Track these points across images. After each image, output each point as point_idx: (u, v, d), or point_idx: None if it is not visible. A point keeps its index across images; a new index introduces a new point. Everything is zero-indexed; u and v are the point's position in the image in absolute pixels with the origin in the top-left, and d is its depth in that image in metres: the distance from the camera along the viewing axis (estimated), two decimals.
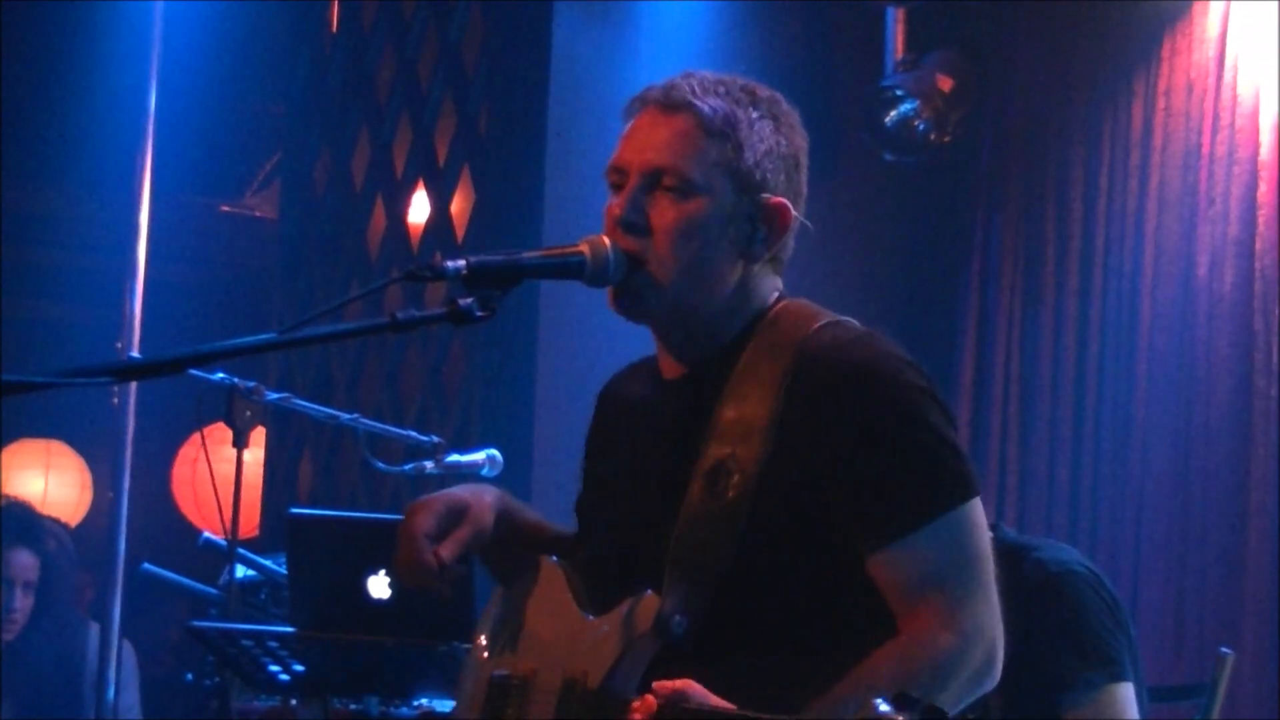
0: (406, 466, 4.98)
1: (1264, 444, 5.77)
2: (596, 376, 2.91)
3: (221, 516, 4.69)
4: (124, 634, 5.50)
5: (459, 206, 7.06)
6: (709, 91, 2.60)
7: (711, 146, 2.57)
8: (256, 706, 4.74)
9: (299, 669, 4.38)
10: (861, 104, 6.63)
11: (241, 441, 4.66)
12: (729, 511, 2.50)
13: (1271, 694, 5.58)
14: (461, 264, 2.45)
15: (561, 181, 6.48)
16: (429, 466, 4.91)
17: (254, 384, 4.64)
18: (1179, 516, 5.97)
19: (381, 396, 7.14)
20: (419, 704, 4.40)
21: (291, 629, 4.30)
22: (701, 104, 2.58)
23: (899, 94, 6.56)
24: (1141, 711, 3.73)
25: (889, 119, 6.58)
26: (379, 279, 7.06)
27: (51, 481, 9.20)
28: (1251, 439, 5.81)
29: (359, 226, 7.40)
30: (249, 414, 4.64)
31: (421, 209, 7.20)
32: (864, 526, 2.48)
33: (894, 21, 6.65)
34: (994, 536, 2.56)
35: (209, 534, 5.17)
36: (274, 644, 4.33)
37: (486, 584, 2.69)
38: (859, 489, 2.48)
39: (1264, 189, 5.86)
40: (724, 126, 2.57)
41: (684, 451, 2.57)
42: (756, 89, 2.64)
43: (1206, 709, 4.18)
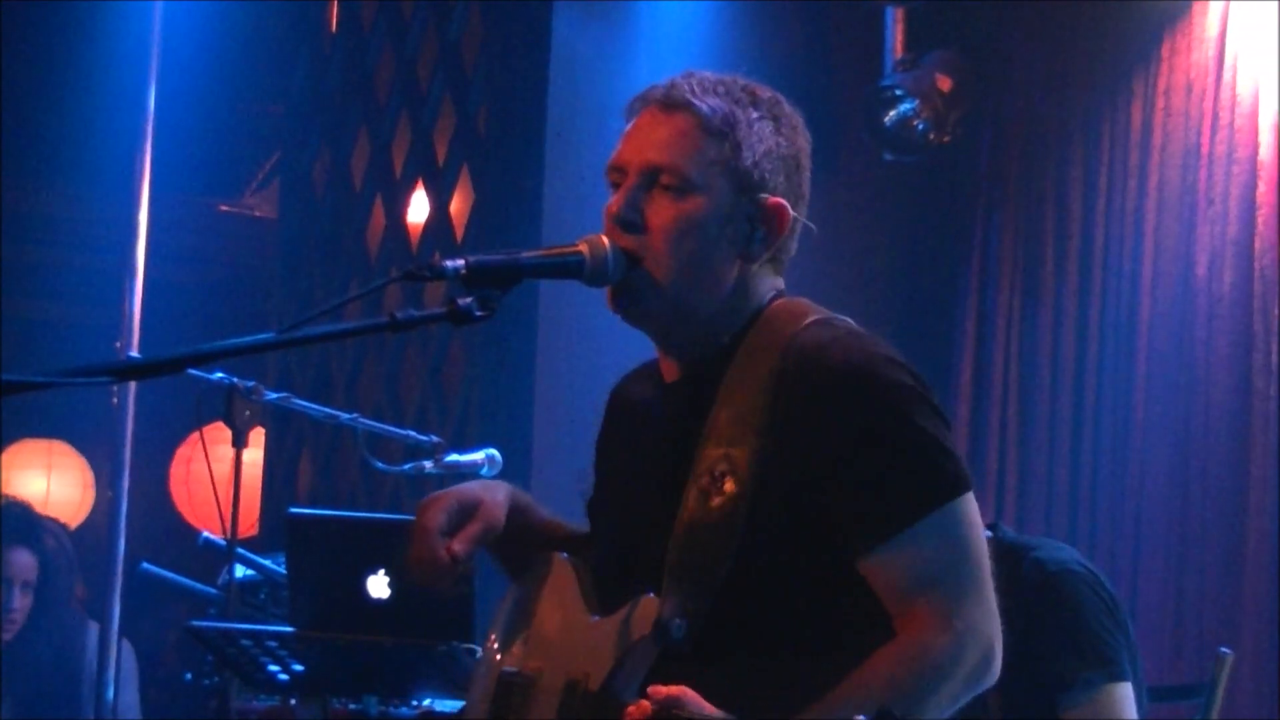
0: (406, 466, 4.98)
1: (1263, 444, 5.77)
2: (596, 376, 2.91)
3: (221, 516, 4.69)
4: (123, 634, 5.50)
5: (458, 206, 7.06)
6: (709, 91, 2.60)
7: (710, 146, 2.57)
8: (256, 706, 4.74)
9: (298, 669, 4.38)
10: (861, 104, 6.63)
11: (241, 441, 4.66)
12: (725, 514, 2.49)
13: (1271, 694, 5.58)
14: (461, 264, 2.44)
15: (561, 181, 6.47)
16: (428, 466, 4.91)
17: (253, 384, 4.63)
18: (1178, 516, 5.97)
19: (381, 396, 7.14)
20: (418, 704, 4.40)
21: (291, 629, 4.29)
22: (701, 103, 2.58)
23: (898, 94, 6.56)
24: (1140, 711, 3.72)
25: (888, 119, 6.58)
26: (378, 279, 7.06)
27: (54, 481, 9.20)
28: (1251, 439, 5.81)
29: (358, 226, 7.40)
30: (248, 414, 4.63)
31: (421, 209, 7.19)
32: (852, 528, 2.48)
33: (893, 21, 6.64)
34: (993, 536, 2.56)
35: (208, 534, 5.16)
36: (273, 644, 4.33)
37: (486, 584, 2.69)
38: (846, 490, 2.47)
39: (1263, 189, 5.86)
40: (723, 126, 2.57)
41: (682, 454, 2.57)
42: (758, 89, 2.64)
43: (1206, 709, 4.18)
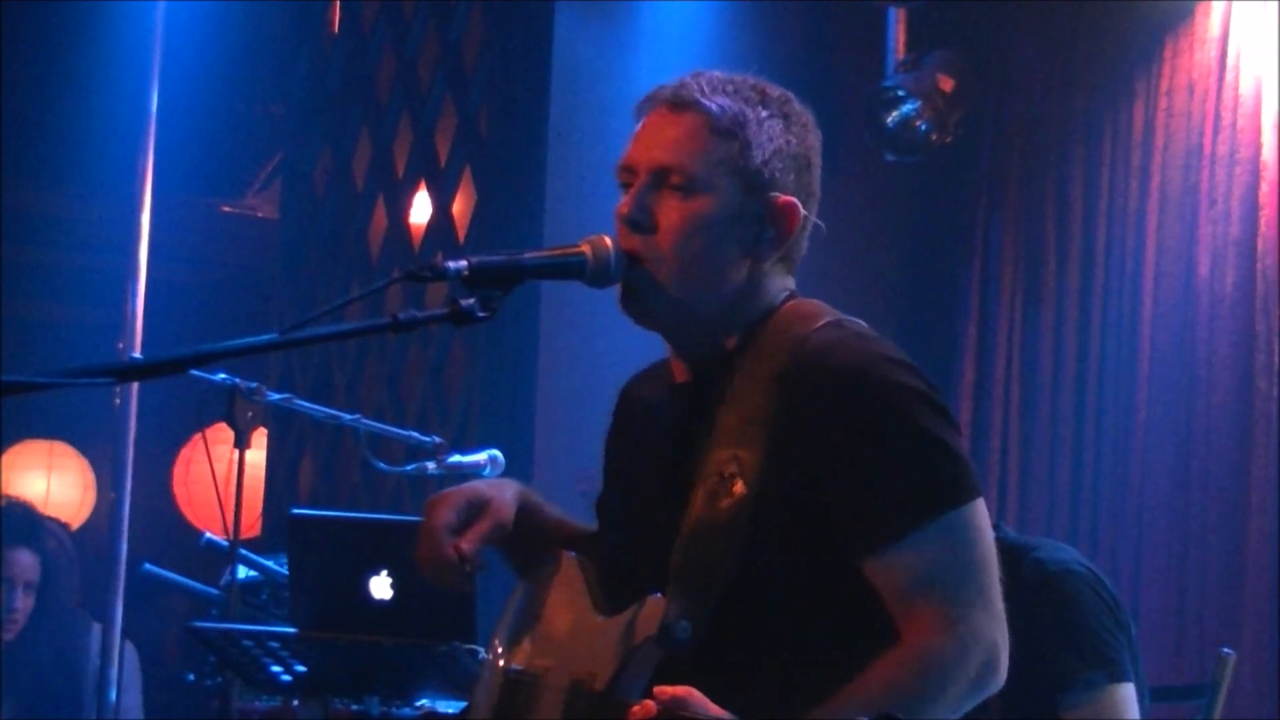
0: (408, 467, 4.98)
1: (1264, 444, 5.77)
2: (597, 376, 2.91)
3: (223, 517, 4.69)
4: (126, 635, 5.50)
5: (460, 207, 7.06)
6: (717, 90, 2.59)
7: (719, 145, 2.56)
8: (257, 707, 4.75)
9: (300, 669, 4.38)
10: (862, 104, 6.63)
11: (243, 442, 4.66)
12: (733, 516, 2.48)
13: (1272, 694, 5.58)
14: (462, 264, 2.44)
15: (562, 181, 6.48)
16: (430, 467, 4.91)
17: (255, 384, 4.63)
18: (1179, 516, 5.97)
19: (382, 397, 7.14)
20: (420, 704, 4.40)
21: (292, 629, 4.29)
22: (709, 103, 2.57)
23: (900, 94, 6.56)
24: (1142, 712, 3.72)
25: (890, 119, 6.58)
26: (380, 279, 7.06)
27: (54, 482, 9.20)
28: (1252, 439, 5.81)
29: (360, 227, 7.41)
30: (250, 414, 4.64)
31: (422, 209, 7.20)
32: (857, 531, 2.47)
33: (895, 22, 6.64)
34: (994, 536, 2.55)
35: (210, 534, 5.16)
36: (275, 644, 4.33)
37: (487, 584, 2.68)
38: (852, 493, 2.46)
39: (1265, 189, 5.86)
40: (731, 125, 2.56)
41: (690, 455, 2.56)
42: (767, 88, 2.63)
43: (1207, 709, 4.18)
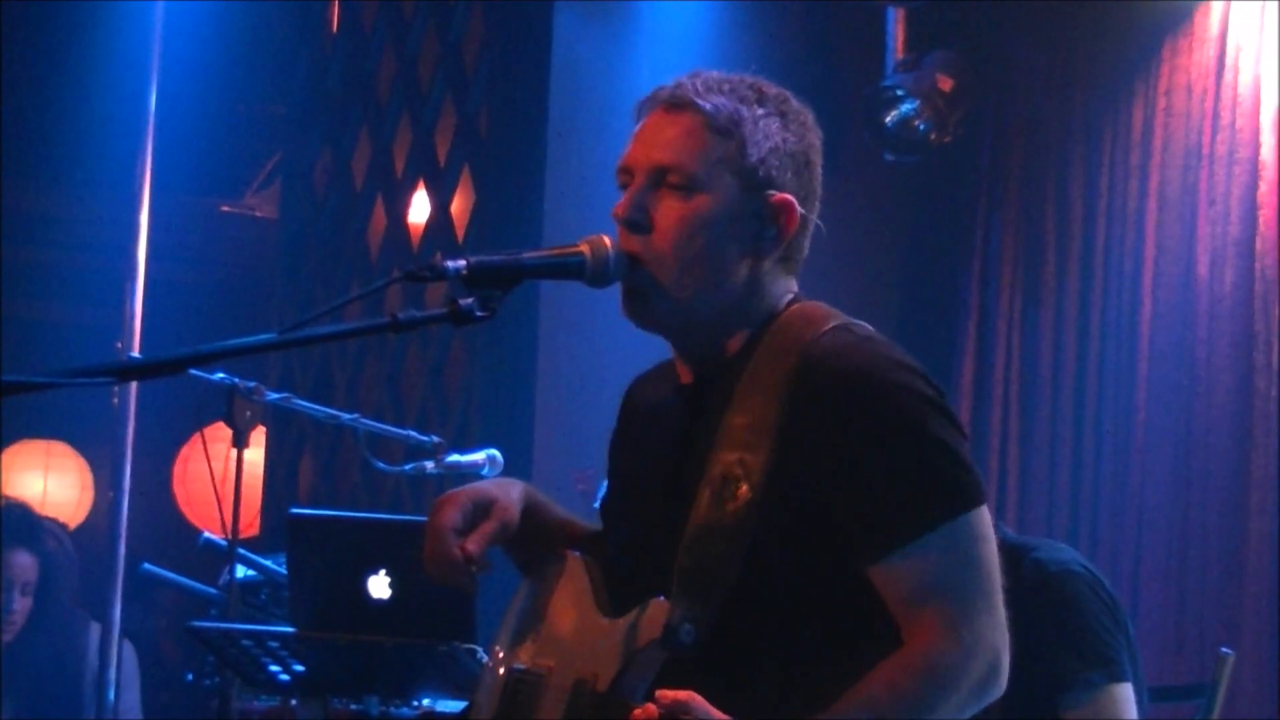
0: (407, 466, 4.98)
1: (1264, 444, 5.77)
2: (597, 376, 2.91)
3: (221, 517, 4.69)
4: (124, 634, 5.50)
5: (459, 206, 7.06)
6: (714, 90, 2.59)
7: (716, 143, 2.56)
8: (257, 706, 4.75)
9: (299, 669, 4.38)
10: (862, 104, 6.63)
11: (241, 441, 4.66)
12: (737, 520, 2.48)
13: (1272, 694, 5.58)
14: (462, 264, 2.44)
15: (562, 181, 6.48)
16: (429, 466, 4.92)
17: (254, 384, 4.63)
18: (1179, 516, 5.97)
19: (382, 396, 7.14)
20: (419, 704, 4.40)
21: (291, 629, 4.29)
22: (705, 102, 2.57)
23: (899, 94, 6.56)
24: (1141, 712, 3.72)
25: (889, 119, 6.58)
26: (379, 279, 7.05)
27: (51, 482, 9.19)
28: (1252, 439, 5.81)
29: (359, 226, 7.41)
30: (249, 414, 4.64)
31: (422, 209, 7.20)
32: (862, 536, 2.47)
33: (894, 21, 6.64)
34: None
35: (209, 534, 5.16)
36: (274, 644, 4.33)
37: (488, 584, 2.68)
38: (857, 497, 2.46)
39: (1264, 189, 5.86)
40: (728, 124, 2.56)
41: (695, 457, 2.56)
42: (764, 87, 2.63)
43: (1207, 709, 4.18)
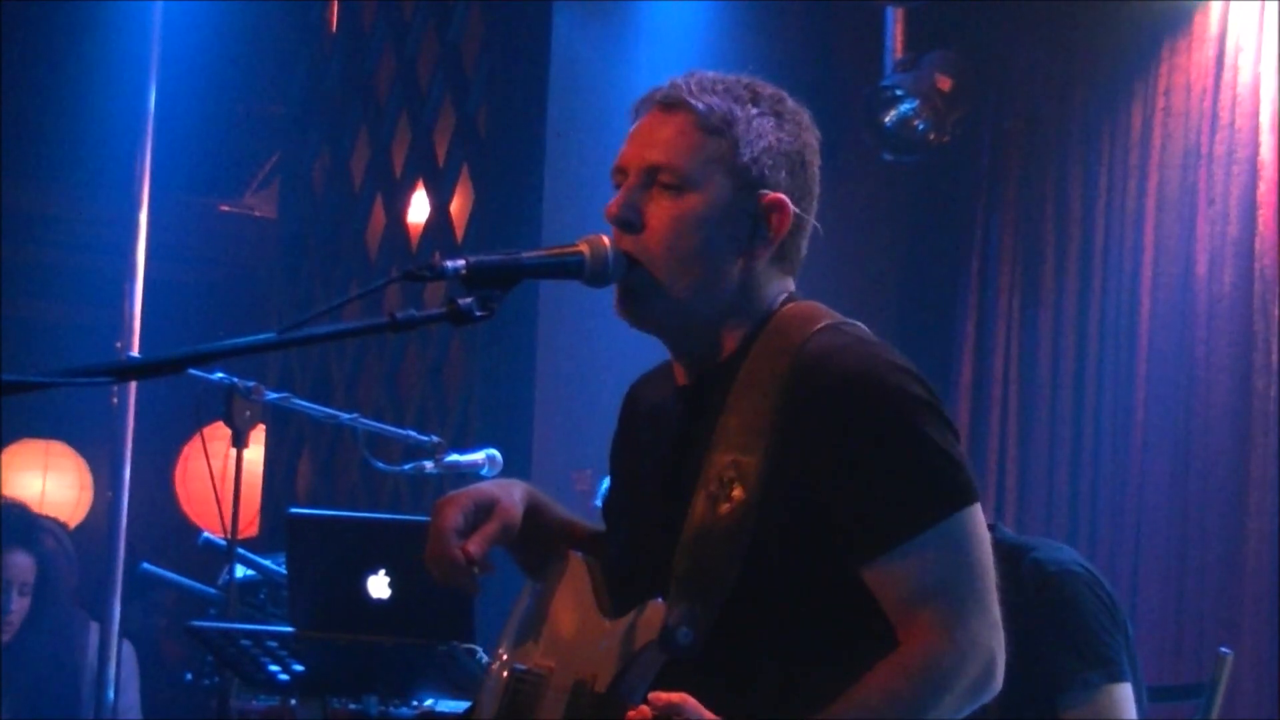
0: (406, 466, 4.98)
1: (1263, 444, 5.77)
2: (596, 376, 2.91)
3: (221, 516, 4.69)
4: (124, 634, 5.50)
5: (458, 206, 7.07)
6: (707, 90, 2.60)
7: (708, 142, 2.56)
8: (256, 706, 4.74)
9: (298, 669, 4.38)
10: (861, 104, 6.63)
11: (241, 441, 4.66)
12: (733, 521, 2.48)
13: (1271, 694, 5.58)
14: (461, 264, 2.44)
15: (561, 181, 6.48)
16: (428, 466, 4.92)
17: (253, 384, 4.64)
18: (1178, 516, 5.97)
19: (381, 396, 7.14)
20: (418, 704, 4.40)
21: (291, 629, 4.29)
22: (697, 101, 2.58)
23: (898, 94, 6.56)
24: (1140, 711, 3.72)
25: (888, 119, 6.58)
26: (378, 279, 7.06)
27: (49, 482, 9.19)
28: (1251, 439, 5.81)
29: (358, 226, 7.41)
30: (248, 414, 4.64)
31: (421, 209, 7.20)
32: (856, 537, 2.47)
33: (893, 21, 6.65)
34: (992, 537, 2.55)
35: (208, 534, 5.16)
36: (273, 644, 4.33)
37: (488, 584, 2.68)
38: (850, 498, 2.46)
39: (1263, 188, 5.86)
40: (720, 123, 2.57)
41: (691, 458, 2.56)
42: (759, 86, 2.63)
43: (1206, 709, 4.18)
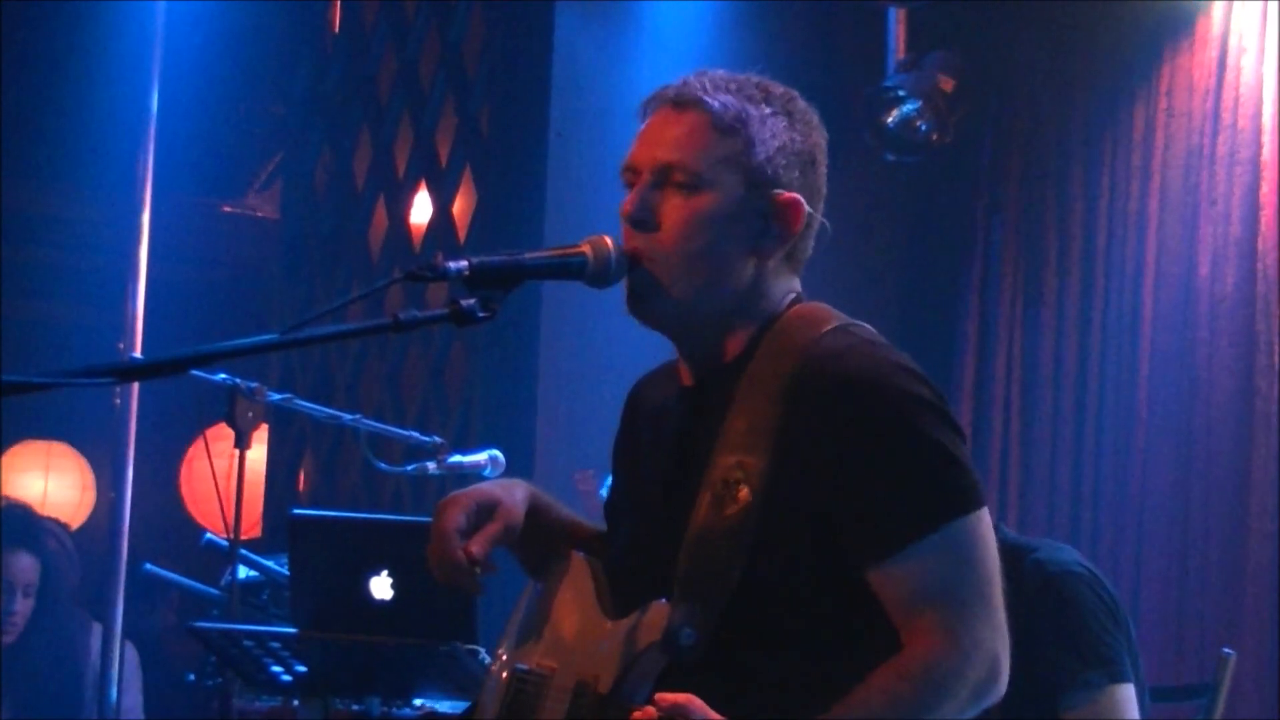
0: (408, 467, 4.98)
1: (1265, 444, 5.77)
2: (598, 377, 2.91)
3: (223, 517, 4.69)
4: (126, 634, 5.50)
5: (460, 207, 7.06)
6: (720, 88, 2.59)
7: (721, 142, 2.56)
8: (258, 707, 4.74)
9: (300, 669, 4.38)
10: (863, 104, 6.62)
11: (243, 442, 4.66)
12: (737, 523, 2.48)
13: (1272, 694, 5.58)
14: (463, 264, 2.44)
15: (563, 181, 6.48)
16: (430, 467, 4.92)
17: (256, 384, 4.64)
18: (1180, 516, 5.97)
19: (383, 397, 7.14)
20: (420, 704, 4.40)
21: (293, 629, 4.29)
22: (711, 100, 2.58)
23: (900, 94, 6.55)
24: (1142, 712, 3.72)
25: (890, 119, 6.58)
26: (380, 279, 7.05)
27: (51, 483, 9.19)
28: (1252, 439, 5.81)
29: (360, 227, 7.41)
30: (251, 414, 4.64)
31: (423, 209, 7.20)
32: (861, 540, 2.47)
33: (895, 22, 6.64)
34: (994, 538, 2.55)
35: (211, 534, 5.17)
36: (275, 644, 4.33)
37: (488, 584, 2.68)
38: (855, 501, 2.46)
39: (1266, 189, 5.86)
40: (734, 122, 2.57)
41: (696, 460, 2.56)
42: (770, 86, 2.64)
43: (1208, 709, 4.18)
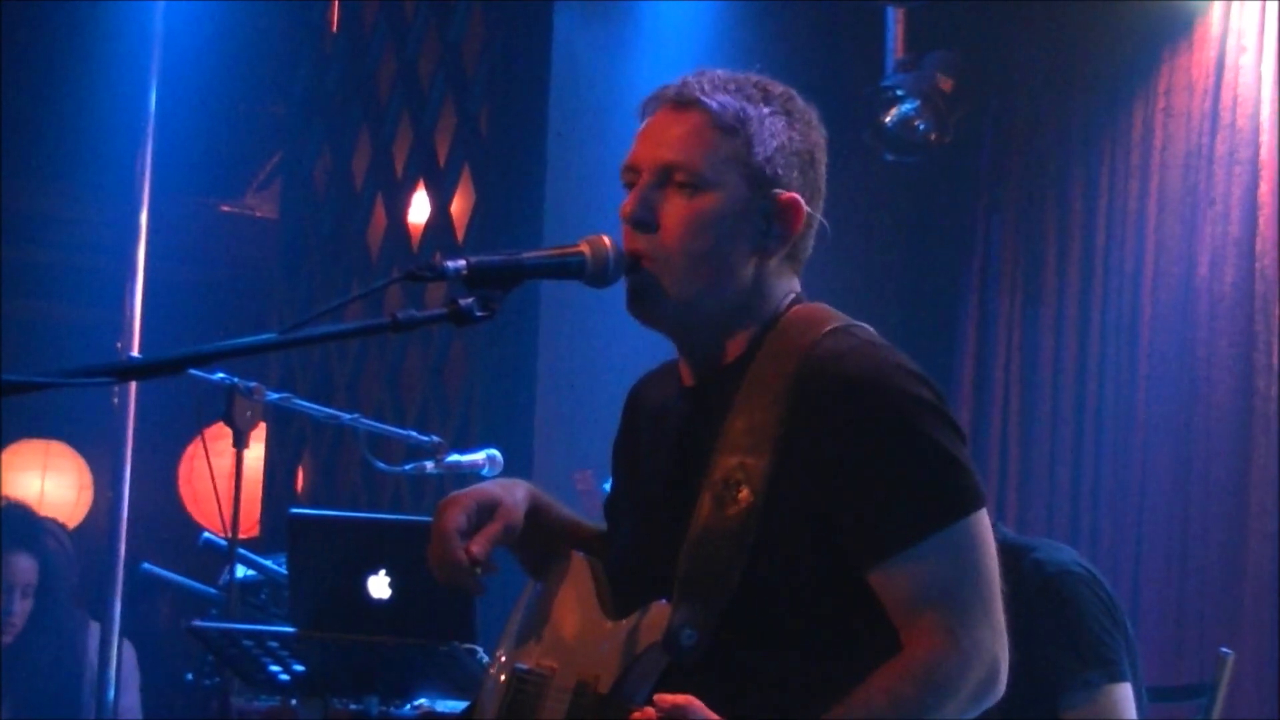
0: (407, 466, 4.98)
1: (1264, 444, 5.77)
2: (597, 376, 2.91)
3: (222, 517, 4.69)
4: (125, 634, 5.50)
5: (459, 206, 7.06)
6: (719, 88, 2.60)
7: (722, 142, 2.57)
8: (257, 706, 4.74)
9: (299, 669, 4.38)
10: (862, 104, 6.62)
11: (242, 442, 4.66)
12: (738, 524, 2.48)
13: (1272, 694, 5.58)
14: (462, 264, 2.44)
15: (562, 181, 6.48)
16: (429, 466, 4.92)
17: (255, 384, 4.63)
18: (1179, 516, 5.97)
19: (382, 396, 7.14)
20: (419, 704, 4.40)
21: (292, 629, 4.30)
22: (711, 100, 2.58)
23: (899, 94, 6.55)
24: (1140, 712, 3.72)
25: (889, 119, 6.58)
26: (379, 279, 7.06)
27: (49, 482, 9.19)
28: (1251, 439, 5.81)
29: (359, 226, 7.41)
30: (250, 414, 4.64)
31: (422, 209, 7.20)
32: (861, 541, 2.47)
33: (894, 21, 6.64)
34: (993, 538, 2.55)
35: (209, 534, 5.16)
36: (274, 644, 4.33)
37: (490, 584, 2.68)
38: (856, 502, 2.46)
39: (1264, 189, 5.86)
40: (734, 122, 2.57)
41: (697, 460, 2.56)
42: (769, 85, 2.64)
43: (1207, 709, 4.18)
